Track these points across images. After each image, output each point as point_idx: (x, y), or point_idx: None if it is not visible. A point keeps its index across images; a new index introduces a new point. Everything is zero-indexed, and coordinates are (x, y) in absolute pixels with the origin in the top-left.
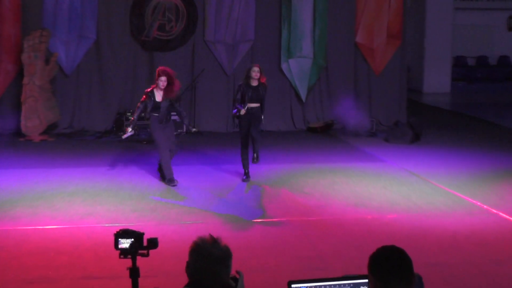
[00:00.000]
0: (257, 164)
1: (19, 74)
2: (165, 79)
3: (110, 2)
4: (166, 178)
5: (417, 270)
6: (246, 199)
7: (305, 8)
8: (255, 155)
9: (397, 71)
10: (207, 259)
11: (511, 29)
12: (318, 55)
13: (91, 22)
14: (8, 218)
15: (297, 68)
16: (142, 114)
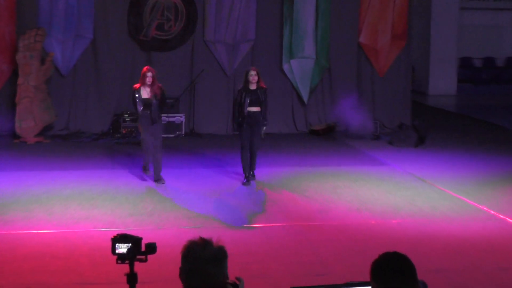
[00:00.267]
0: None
1: (13, 74)
2: (151, 75)
3: (107, 0)
4: (143, 165)
5: (422, 276)
6: (246, 203)
7: (307, 7)
8: (251, 172)
9: (401, 72)
10: (198, 261)
11: None
12: (320, 56)
13: (88, 21)
14: (2, 222)
15: (299, 69)
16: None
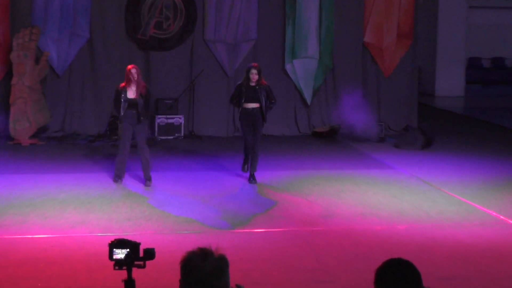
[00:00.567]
0: (259, 170)
1: (7, 74)
2: (136, 72)
3: None
4: (114, 174)
5: (428, 283)
6: (247, 208)
7: (311, 6)
8: (251, 178)
9: (407, 73)
10: (199, 274)
11: None
12: (324, 56)
13: (84, 19)
14: None
15: (302, 69)
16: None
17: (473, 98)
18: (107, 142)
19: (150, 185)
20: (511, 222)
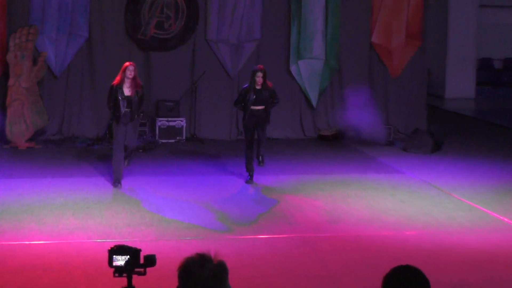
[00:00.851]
0: (263, 174)
1: (4, 75)
2: (133, 69)
3: None
4: (113, 178)
5: None
6: (251, 213)
7: (317, 5)
8: (260, 158)
9: (416, 74)
10: (197, 282)
11: None
12: (330, 57)
13: (83, 18)
14: None
15: (308, 70)
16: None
17: (484, 100)
18: (107, 146)
19: (127, 166)
20: None
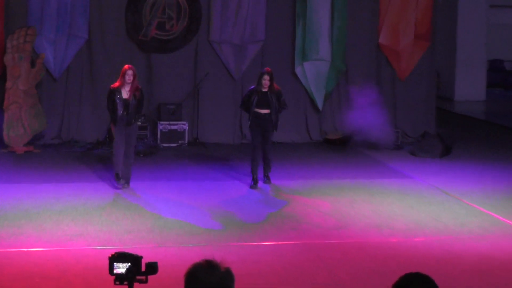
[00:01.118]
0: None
1: (1, 77)
2: (132, 73)
3: None
4: (115, 173)
5: None
6: (255, 219)
7: (322, 5)
8: (266, 178)
9: (425, 76)
10: None
11: None
12: (336, 58)
13: (82, 19)
14: None
15: (313, 72)
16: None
17: (494, 103)
18: (107, 150)
19: (127, 187)
20: None
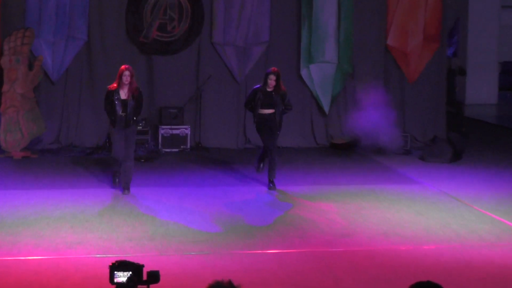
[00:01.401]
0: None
1: None
2: (129, 74)
3: None
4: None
5: None
6: (259, 226)
7: (328, 6)
8: (271, 184)
9: (434, 79)
10: None
11: None
12: (343, 60)
13: (81, 20)
14: None
15: (319, 75)
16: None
17: (506, 106)
18: (107, 155)
19: (128, 194)
20: None
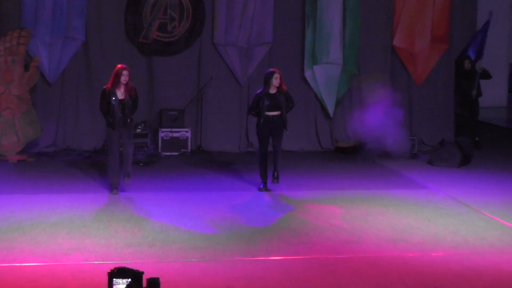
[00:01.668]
0: (276, 190)
1: None
2: (128, 73)
3: None
4: (110, 187)
5: None
6: (262, 232)
7: (334, 5)
8: (275, 173)
9: (442, 81)
10: None
11: None
12: (348, 61)
13: (79, 20)
14: None
15: (324, 76)
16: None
17: None
18: (105, 158)
19: (129, 181)
20: None
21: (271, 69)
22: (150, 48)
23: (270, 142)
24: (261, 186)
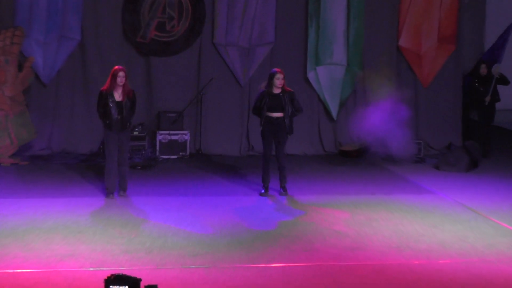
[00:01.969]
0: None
1: None
2: (124, 75)
3: None
4: (106, 191)
5: None
6: (263, 238)
7: (337, 4)
8: (282, 190)
9: (450, 83)
10: None
11: None
12: (352, 62)
13: (75, 19)
14: None
15: (327, 77)
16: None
17: None
18: (101, 162)
19: (124, 195)
20: None
21: (275, 69)
22: (148, 48)
23: (273, 148)
24: (262, 191)
